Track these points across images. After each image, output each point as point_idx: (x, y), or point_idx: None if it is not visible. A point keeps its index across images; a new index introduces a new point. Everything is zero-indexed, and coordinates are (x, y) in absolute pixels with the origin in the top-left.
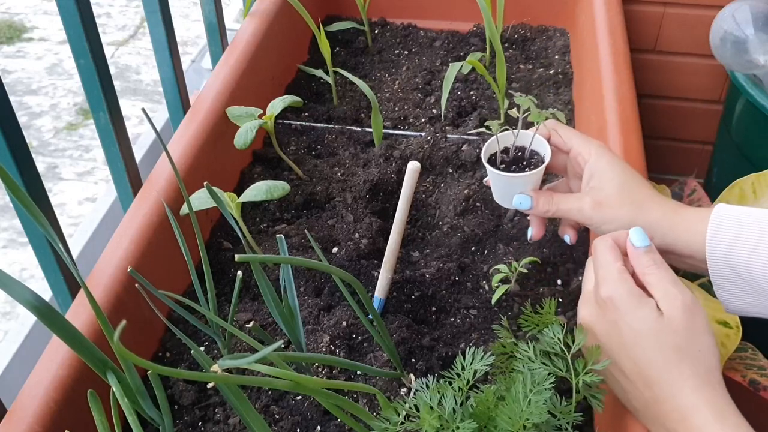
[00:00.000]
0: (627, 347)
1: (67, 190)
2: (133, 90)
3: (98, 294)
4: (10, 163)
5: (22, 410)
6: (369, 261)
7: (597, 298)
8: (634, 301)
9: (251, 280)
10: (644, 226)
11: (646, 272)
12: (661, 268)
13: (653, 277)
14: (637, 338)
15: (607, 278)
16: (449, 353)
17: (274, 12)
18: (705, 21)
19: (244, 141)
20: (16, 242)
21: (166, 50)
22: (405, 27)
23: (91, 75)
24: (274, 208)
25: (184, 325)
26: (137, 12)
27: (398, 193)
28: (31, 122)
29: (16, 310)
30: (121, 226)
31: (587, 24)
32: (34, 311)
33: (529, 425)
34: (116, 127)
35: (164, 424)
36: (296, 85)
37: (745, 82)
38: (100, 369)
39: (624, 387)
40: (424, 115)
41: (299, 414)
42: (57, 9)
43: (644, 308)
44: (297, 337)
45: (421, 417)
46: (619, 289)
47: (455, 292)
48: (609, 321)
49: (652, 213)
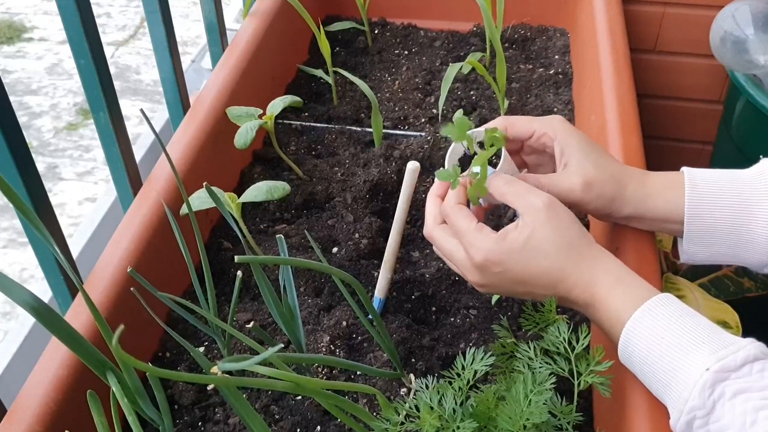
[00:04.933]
0: (520, 280)
1: (67, 190)
2: (133, 90)
3: (98, 294)
4: (10, 163)
5: (22, 410)
6: (369, 261)
7: (475, 264)
8: (504, 244)
9: (251, 280)
10: (623, 199)
11: (503, 192)
12: (513, 184)
13: (510, 195)
14: (523, 267)
15: (473, 242)
16: (449, 353)
17: (274, 12)
18: (705, 21)
19: (244, 141)
20: (16, 242)
21: (166, 50)
22: (405, 27)
23: (91, 75)
24: (274, 208)
25: (184, 325)
26: (137, 12)
27: (398, 193)
28: (31, 122)
29: (16, 310)
30: (121, 226)
31: (587, 24)
32: (32, 313)
33: (529, 425)
34: (116, 127)
35: (164, 425)
36: (296, 85)
37: (745, 82)
38: (99, 369)
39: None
40: (424, 115)
41: (299, 414)
42: (57, 9)
43: (512, 240)
44: (297, 337)
45: (421, 417)
46: (485, 246)
47: (455, 292)
48: (495, 274)
49: (629, 187)
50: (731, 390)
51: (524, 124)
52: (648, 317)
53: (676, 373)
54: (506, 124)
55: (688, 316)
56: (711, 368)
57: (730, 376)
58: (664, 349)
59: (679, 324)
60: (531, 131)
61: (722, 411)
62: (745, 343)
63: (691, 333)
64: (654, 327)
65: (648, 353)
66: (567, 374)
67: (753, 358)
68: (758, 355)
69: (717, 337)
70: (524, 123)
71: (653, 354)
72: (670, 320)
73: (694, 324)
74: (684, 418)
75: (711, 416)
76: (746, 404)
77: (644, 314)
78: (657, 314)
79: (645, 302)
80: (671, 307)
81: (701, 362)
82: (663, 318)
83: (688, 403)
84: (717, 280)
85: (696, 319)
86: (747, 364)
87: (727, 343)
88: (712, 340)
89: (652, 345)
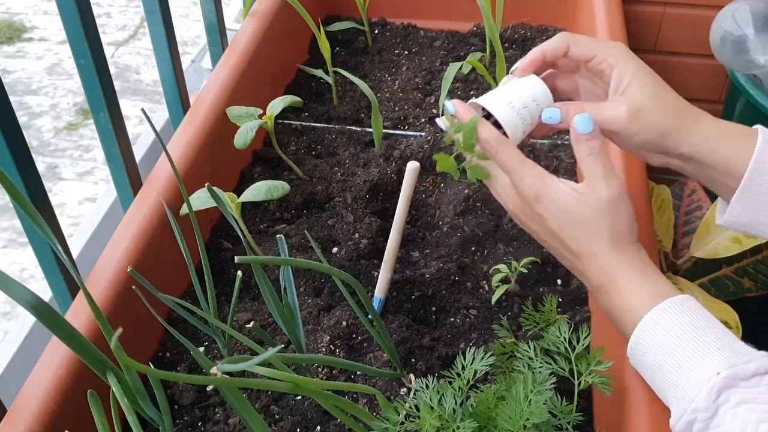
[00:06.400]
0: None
1: (67, 190)
2: (133, 90)
3: (98, 294)
4: (10, 163)
5: (22, 410)
6: (369, 261)
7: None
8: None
9: (251, 280)
10: (679, 136)
11: (582, 160)
12: (597, 158)
13: (586, 167)
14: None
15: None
16: (449, 353)
17: (274, 12)
18: (705, 21)
19: (244, 141)
20: (16, 242)
21: (166, 50)
22: (405, 27)
23: (91, 75)
24: (274, 208)
25: (184, 325)
26: (137, 12)
27: (398, 193)
28: (31, 122)
29: (16, 310)
30: (121, 226)
31: (587, 24)
32: (33, 312)
33: (529, 425)
34: (116, 127)
35: (164, 424)
36: (296, 85)
37: (745, 82)
38: (99, 369)
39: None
40: (424, 115)
41: (299, 414)
42: (57, 9)
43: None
44: (297, 337)
45: (421, 417)
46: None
47: (455, 292)
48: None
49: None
50: (736, 398)
51: (587, 45)
52: (666, 314)
53: (685, 373)
54: (569, 41)
55: (706, 320)
56: (722, 373)
57: (738, 384)
58: (678, 348)
59: (697, 326)
60: (593, 54)
61: (724, 417)
62: (759, 355)
63: (708, 336)
64: (671, 325)
65: (660, 349)
66: (567, 374)
67: (764, 371)
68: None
69: (732, 345)
70: (587, 44)
71: (664, 350)
72: (688, 321)
73: (711, 329)
74: (686, 418)
75: (712, 421)
76: (748, 415)
77: (663, 310)
78: (676, 312)
79: (667, 299)
80: (691, 308)
81: (713, 366)
82: (682, 317)
83: (693, 404)
84: (717, 280)
85: (714, 324)
86: (757, 375)
87: (742, 352)
88: (728, 347)
89: (665, 342)
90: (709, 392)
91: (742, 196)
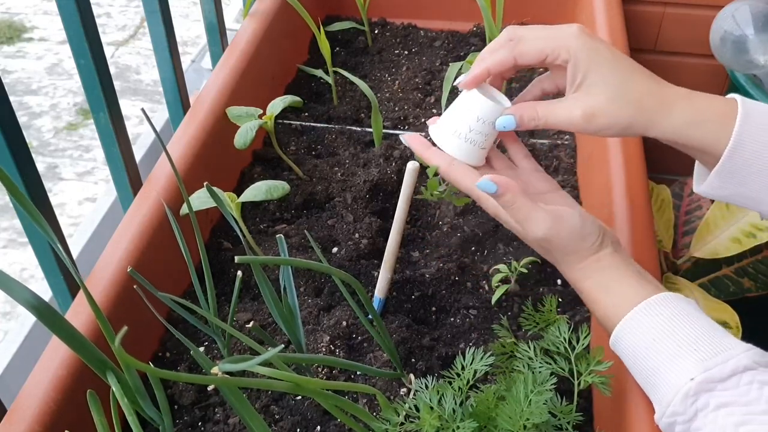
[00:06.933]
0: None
1: (67, 190)
2: (133, 90)
3: (98, 294)
4: (10, 163)
5: (22, 410)
6: (369, 261)
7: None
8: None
9: (251, 280)
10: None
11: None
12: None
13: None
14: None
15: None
16: (449, 353)
17: (274, 12)
18: (705, 21)
19: (244, 141)
20: (16, 242)
21: (166, 50)
22: (405, 27)
23: (91, 75)
24: (274, 208)
25: (184, 325)
26: (137, 12)
27: (398, 193)
28: (31, 122)
29: (16, 310)
30: (121, 226)
31: (587, 24)
32: (33, 311)
33: (529, 425)
34: (116, 127)
35: (164, 424)
36: (296, 85)
37: (745, 82)
38: (99, 369)
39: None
40: (424, 115)
41: (299, 414)
42: (57, 9)
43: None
44: (297, 337)
45: (421, 417)
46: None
47: (455, 292)
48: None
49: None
50: (715, 402)
51: (534, 49)
52: (645, 315)
53: (661, 375)
54: (515, 53)
55: (686, 317)
56: (696, 378)
57: (716, 387)
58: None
59: (675, 325)
60: (543, 56)
61: (704, 421)
62: (739, 350)
63: (686, 336)
64: (649, 326)
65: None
66: (567, 374)
67: (743, 369)
68: (749, 366)
69: (711, 343)
70: (534, 46)
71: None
72: (667, 320)
73: (691, 326)
74: (666, 420)
75: (692, 424)
76: (728, 419)
77: (642, 311)
78: (655, 313)
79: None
80: (671, 306)
81: (687, 370)
82: (660, 317)
83: (670, 408)
84: (717, 280)
85: (695, 322)
86: (736, 375)
87: (721, 350)
88: (705, 347)
89: (641, 344)
90: (684, 397)
91: (722, 170)
